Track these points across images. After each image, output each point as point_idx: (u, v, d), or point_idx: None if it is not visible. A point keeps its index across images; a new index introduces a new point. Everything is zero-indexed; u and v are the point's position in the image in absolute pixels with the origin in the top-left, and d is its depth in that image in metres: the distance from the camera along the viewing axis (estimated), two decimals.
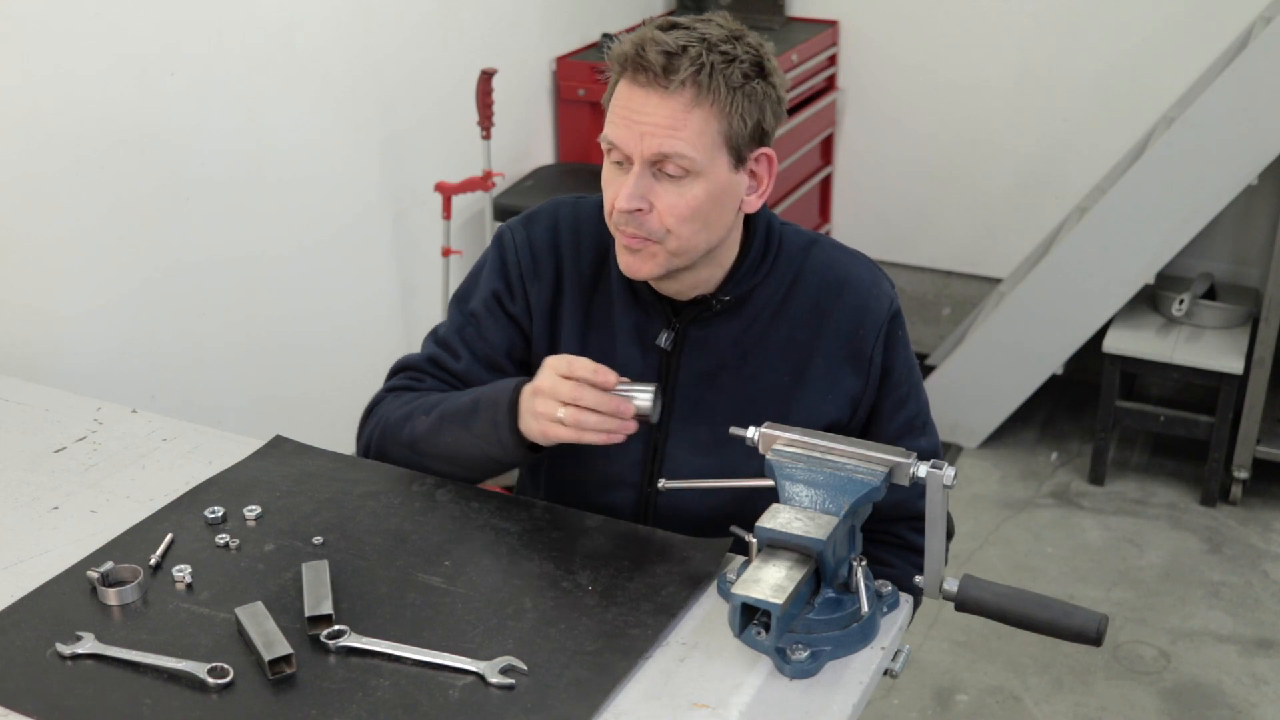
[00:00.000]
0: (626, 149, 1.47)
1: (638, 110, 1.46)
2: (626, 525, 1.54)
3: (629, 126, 1.47)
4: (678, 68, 1.44)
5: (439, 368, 1.69)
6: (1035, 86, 3.96)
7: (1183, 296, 3.60)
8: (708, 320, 1.60)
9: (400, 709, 1.23)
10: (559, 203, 1.71)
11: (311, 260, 2.93)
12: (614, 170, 1.51)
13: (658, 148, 1.46)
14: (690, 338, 1.61)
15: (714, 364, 1.61)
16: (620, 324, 1.63)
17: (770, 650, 1.29)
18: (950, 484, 1.31)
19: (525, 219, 1.70)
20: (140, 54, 2.40)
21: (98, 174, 2.36)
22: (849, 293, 1.60)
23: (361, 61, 2.98)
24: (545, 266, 1.66)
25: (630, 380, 1.46)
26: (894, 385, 1.63)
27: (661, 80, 1.45)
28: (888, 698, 2.77)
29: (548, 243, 1.66)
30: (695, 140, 1.46)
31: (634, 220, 1.48)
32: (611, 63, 1.50)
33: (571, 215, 1.68)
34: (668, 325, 1.61)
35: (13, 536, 1.52)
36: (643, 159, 1.47)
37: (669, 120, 1.45)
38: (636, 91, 1.46)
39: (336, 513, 1.55)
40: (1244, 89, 3.24)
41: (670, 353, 1.61)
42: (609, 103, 1.51)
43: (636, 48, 1.46)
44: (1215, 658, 2.90)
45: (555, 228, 1.67)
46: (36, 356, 2.27)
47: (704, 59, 1.45)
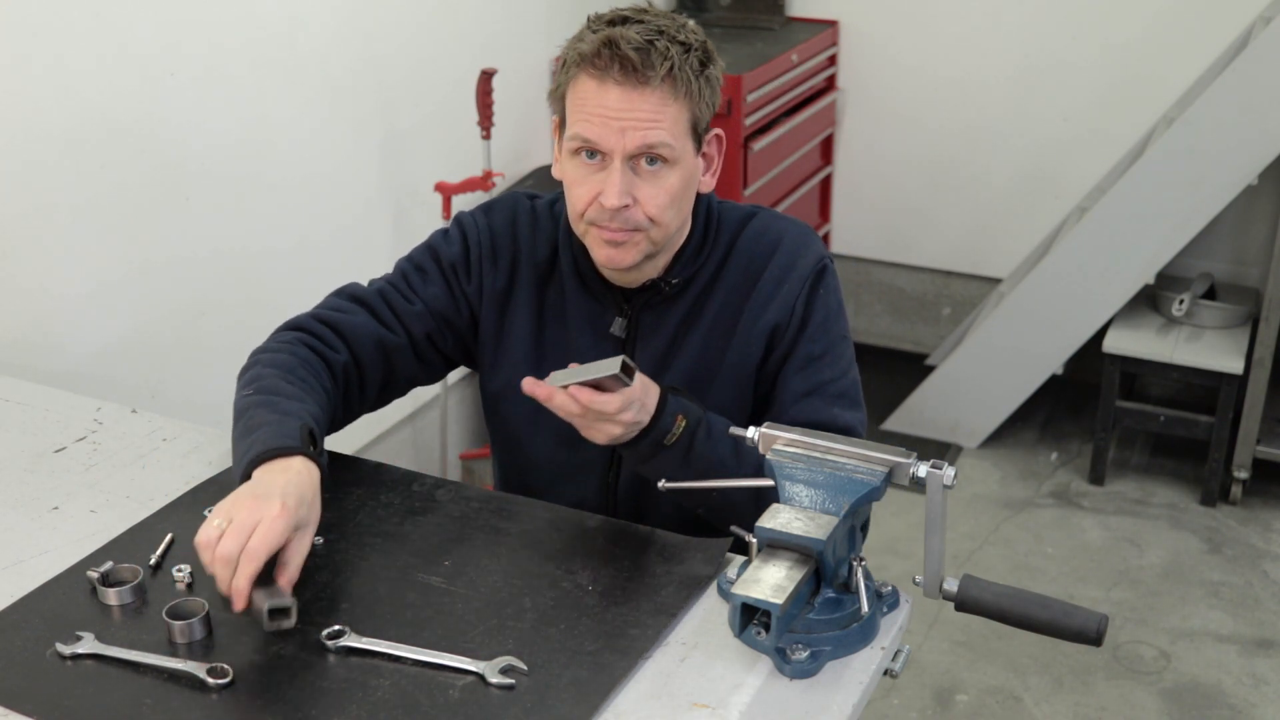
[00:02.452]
0: (606, 146, 1.50)
1: (614, 107, 1.48)
2: (626, 525, 1.54)
3: (606, 124, 1.49)
4: (654, 62, 1.48)
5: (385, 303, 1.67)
6: (1035, 86, 3.96)
7: (1183, 296, 3.60)
8: (658, 304, 1.64)
9: (400, 709, 1.23)
10: (517, 196, 1.74)
11: (311, 260, 2.93)
12: (584, 169, 1.53)
13: (641, 141, 1.49)
14: (643, 324, 1.65)
15: (665, 345, 1.65)
16: (573, 315, 1.67)
17: (770, 650, 1.29)
18: (950, 484, 1.31)
19: (485, 208, 1.74)
20: (140, 53, 2.40)
21: (98, 173, 2.36)
22: (780, 251, 1.64)
23: (361, 61, 2.98)
24: (502, 255, 1.69)
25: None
26: (809, 339, 1.62)
27: (638, 75, 1.48)
28: (888, 698, 2.77)
29: (507, 232, 1.70)
30: (672, 130, 1.51)
31: (619, 215, 1.51)
32: (572, 62, 1.52)
33: (529, 210, 1.72)
34: (620, 313, 1.65)
35: (13, 536, 1.52)
36: (624, 154, 1.50)
37: (650, 114, 1.49)
38: (610, 88, 1.49)
39: (336, 513, 1.55)
40: (1244, 89, 3.24)
41: (625, 340, 1.65)
42: (568, 102, 1.54)
43: (607, 45, 1.48)
44: (1215, 658, 2.90)
45: (514, 220, 1.71)
46: (37, 356, 2.27)
47: (670, 51, 1.49)
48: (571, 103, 1.53)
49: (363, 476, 1.64)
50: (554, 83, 1.58)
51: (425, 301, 1.68)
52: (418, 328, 1.68)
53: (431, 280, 1.69)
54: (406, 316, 1.68)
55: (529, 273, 1.68)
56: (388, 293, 1.69)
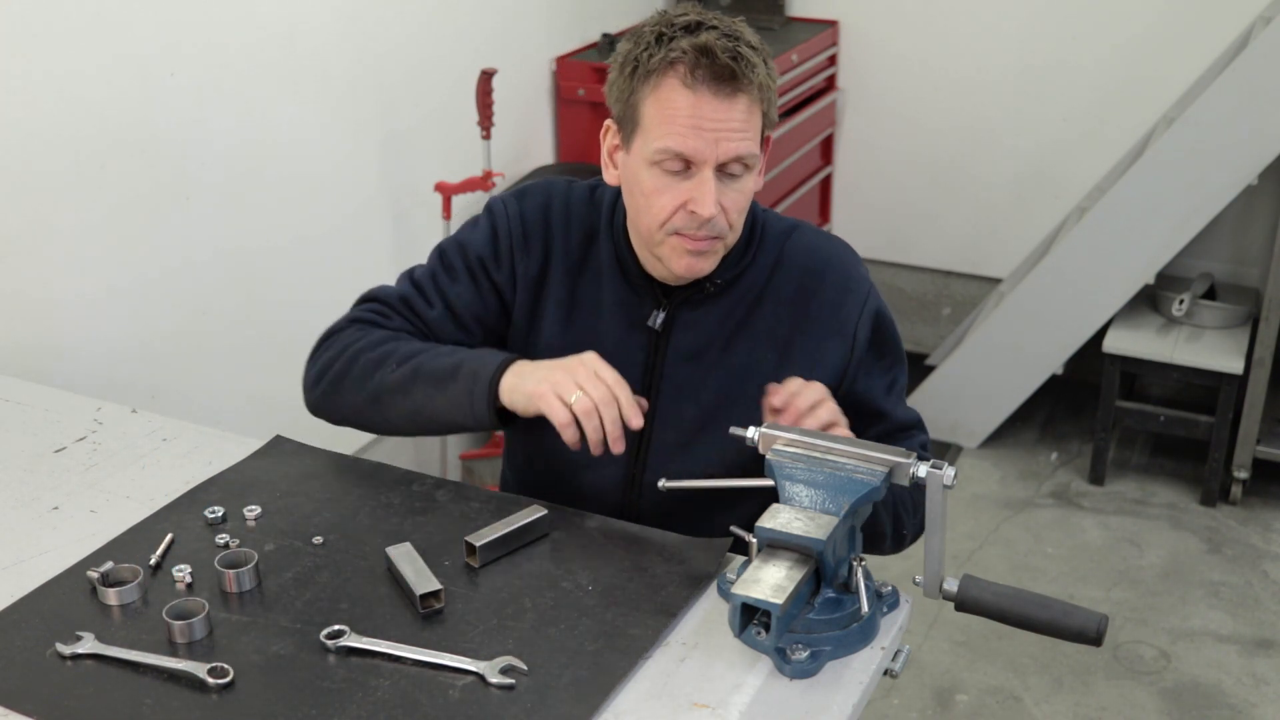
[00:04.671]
0: (699, 156, 1.48)
1: (708, 117, 1.46)
2: (626, 525, 1.54)
3: (700, 135, 1.47)
4: (744, 71, 1.46)
5: (410, 309, 1.69)
6: (1035, 86, 3.96)
7: (1183, 296, 3.60)
8: (699, 302, 1.63)
9: (400, 709, 1.23)
10: (551, 182, 1.73)
11: (312, 260, 2.93)
12: (667, 178, 1.51)
13: (734, 152, 1.48)
14: (680, 319, 1.64)
15: (701, 343, 1.64)
16: (608, 304, 1.66)
17: (770, 650, 1.29)
18: (950, 484, 1.31)
19: (518, 194, 1.72)
20: (140, 54, 2.40)
21: (98, 173, 2.36)
22: (831, 273, 1.64)
23: (361, 61, 2.98)
24: (535, 241, 1.68)
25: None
26: (880, 355, 1.66)
27: (732, 84, 1.46)
28: (888, 698, 2.77)
29: (539, 219, 1.68)
30: (755, 137, 1.52)
31: (708, 224, 1.51)
32: (653, 70, 1.48)
33: (563, 195, 1.70)
34: (658, 306, 1.64)
35: (13, 536, 1.52)
36: (715, 163, 1.48)
37: (741, 124, 1.48)
38: (704, 98, 1.46)
39: (336, 513, 1.55)
40: (1244, 89, 3.24)
41: (660, 332, 1.64)
42: (645, 110, 1.50)
43: (703, 54, 1.46)
44: (1215, 658, 2.90)
45: (547, 205, 1.69)
46: (36, 356, 2.27)
47: (753, 58, 1.48)
48: (654, 112, 1.49)
49: (363, 476, 1.64)
50: (621, 89, 1.53)
51: (447, 304, 1.68)
52: (442, 332, 1.68)
53: (458, 278, 1.68)
54: (430, 321, 1.68)
55: (561, 259, 1.67)
56: (411, 298, 1.69)
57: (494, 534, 1.46)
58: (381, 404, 1.59)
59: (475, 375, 1.53)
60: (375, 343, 1.63)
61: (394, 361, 1.59)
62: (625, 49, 1.53)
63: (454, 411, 1.54)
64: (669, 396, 1.63)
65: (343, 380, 1.63)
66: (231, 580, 1.40)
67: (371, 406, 1.61)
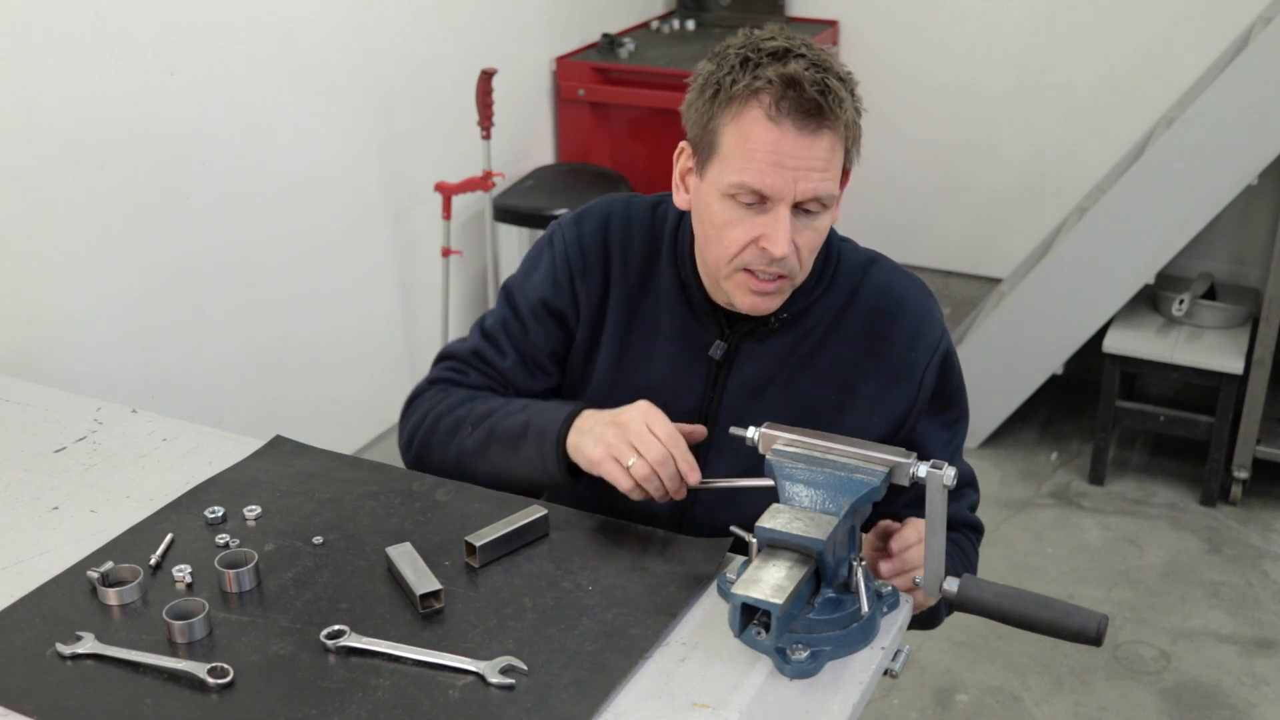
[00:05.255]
0: (777, 194, 1.41)
1: (789, 153, 1.40)
2: (626, 525, 1.54)
3: (780, 172, 1.40)
4: (832, 107, 1.40)
5: (484, 362, 1.68)
6: (1035, 86, 3.96)
7: (1183, 296, 3.60)
8: (764, 335, 1.58)
9: (400, 709, 1.23)
10: (611, 200, 1.68)
11: (312, 260, 2.93)
12: (740, 211, 1.44)
13: (812, 191, 1.42)
14: (742, 350, 1.59)
15: (764, 377, 1.58)
16: (668, 329, 1.61)
17: (770, 650, 1.29)
18: (950, 484, 1.31)
19: (577, 217, 1.67)
20: (140, 54, 2.40)
21: (98, 174, 2.36)
22: (904, 317, 1.57)
23: (361, 62, 2.98)
24: (594, 265, 1.63)
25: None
26: (944, 407, 1.61)
27: (817, 120, 1.40)
28: (888, 698, 2.77)
29: (597, 242, 1.64)
30: (836, 177, 1.45)
31: (780, 262, 1.45)
32: (736, 96, 1.42)
33: (623, 215, 1.65)
34: (721, 335, 1.59)
35: (13, 536, 1.52)
36: (792, 201, 1.42)
37: (822, 162, 1.42)
38: (787, 133, 1.39)
39: (336, 513, 1.55)
40: (1244, 89, 3.24)
41: (720, 363, 1.59)
42: (725, 137, 1.43)
43: (790, 85, 1.39)
44: (1215, 658, 2.90)
45: (606, 227, 1.64)
46: (36, 356, 2.27)
47: (841, 93, 1.41)
48: (733, 142, 1.42)
49: (363, 476, 1.64)
50: (700, 112, 1.46)
51: (519, 353, 1.67)
52: (517, 381, 1.67)
53: (526, 324, 1.66)
54: (506, 373, 1.67)
55: (621, 280, 1.63)
56: (483, 351, 1.68)
57: (494, 534, 1.46)
58: (464, 467, 1.62)
59: (542, 435, 1.52)
60: (453, 405, 1.64)
61: (469, 424, 1.60)
62: (707, 70, 1.47)
63: (529, 471, 1.54)
64: (725, 429, 1.54)
65: (428, 445, 1.65)
66: (231, 580, 1.40)
67: (458, 469, 1.62)
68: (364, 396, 3.19)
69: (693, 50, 3.85)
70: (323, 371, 3.03)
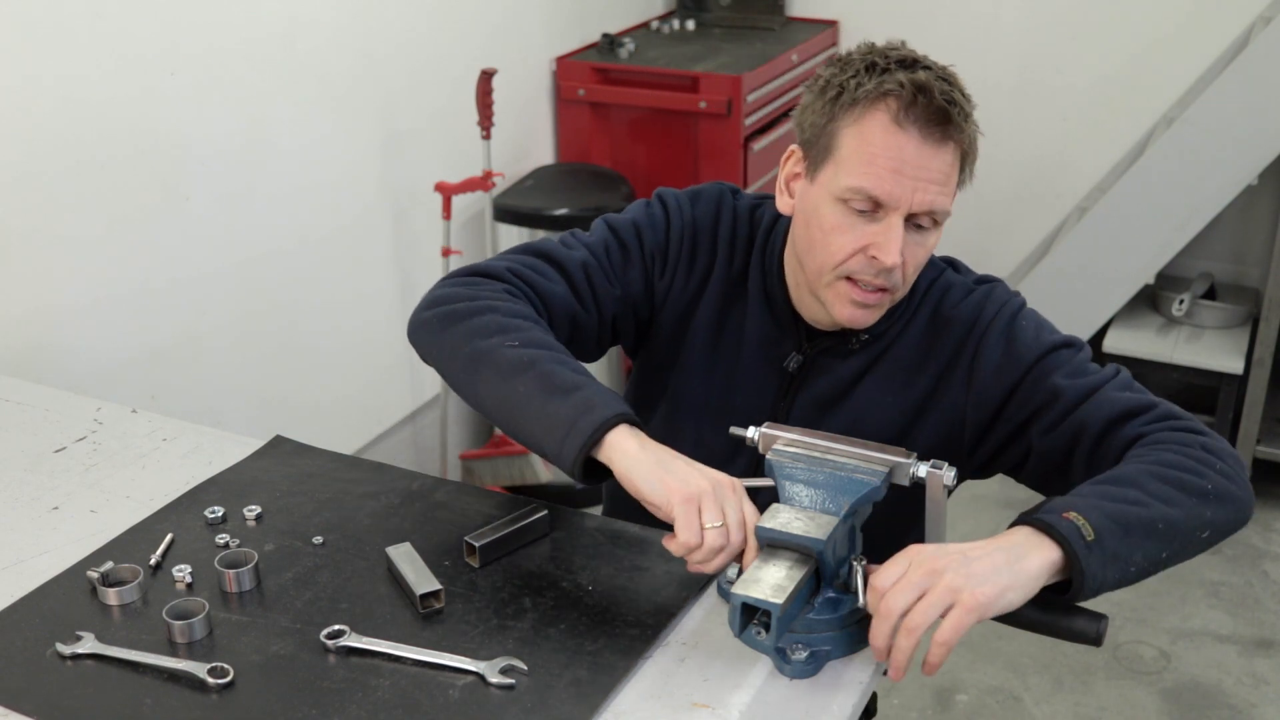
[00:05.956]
0: (893, 202, 1.37)
1: (911, 161, 1.36)
2: (626, 525, 1.53)
3: (899, 180, 1.37)
4: (958, 119, 1.37)
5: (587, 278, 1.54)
6: (1035, 86, 3.96)
7: (1183, 296, 3.60)
8: (842, 352, 1.55)
9: (400, 709, 1.23)
10: (721, 190, 1.62)
11: (312, 260, 2.93)
12: (851, 217, 1.40)
13: (929, 204, 1.39)
14: (818, 365, 1.56)
15: (835, 392, 1.55)
16: (749, 337, 1.58)
17: (770, 650, 1.29)
18: (951, 484, 1.31)
19: (691, 196, 1.60)
20: (140, 54, 2.40)
21: (97, 173, 2.36)
22: (955, 326, 1.53)
23: (361, 62, 2.98)
24: (701, 254, 1.58)
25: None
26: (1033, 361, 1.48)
27: (943, 131, 1.37)
28: (888, 698, 2.77)
29: (709, 229, 1.59)
30: (952, 192, 1.42)
31: (887, 273, 1.41)
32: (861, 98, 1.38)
33: (732, 209, 1.60)
34: (798, 349, 1.56)
35: (13, 536, 1.52)
36: (907, 211, 1.38)
37: (943, 175, 1.39)
38: (911, 140, 1.36)
39: (336, 513, 1.55)
40: (1244, 89, 3.25)
41: (794, 375, 1.57)
42: (843, 139, 1.39)
43: (920, 92, 1.36)
44: (1215, 658, 2.90)
45: (718, 217, 1.59)
46: (36, 356, 2.27)
47: (967, 107, 1.39)
48: (854, 145, 1.38)
49: (363, 476, 1.64)
50: (818, 114, 1.43)
51: (623, 285, 1.57)
52: (610, 310, 1.56)
53: (633, 263, 1.57)
54: (605, 298, 1.56)
55: (720, 279, 1.58)
56: (591, 267, 1.54)
57: (494, 534, 1.46)
58: (479, 369, 1.39)
59: (590, 407, 1.32)
60: (514, 312, 1.44)
61: (518, 339, 1.39)
62: (828, 73, 1.43)
63: (546, 428, 1.34)
64: None
65: (457, 323, 1.43)
66: (231, 580, 1.40)
67: (468, 365, 1.41)
68: (364, 397, 3.19)
69: (693, 50, 3.85)
70: (323, 371, 3.03)
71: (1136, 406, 1.42)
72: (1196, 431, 1.40)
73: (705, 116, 3.57)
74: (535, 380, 1.35)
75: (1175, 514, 1.28)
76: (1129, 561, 1.25)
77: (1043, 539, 1.23)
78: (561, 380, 1.35)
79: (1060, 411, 1.44)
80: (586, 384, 1.36)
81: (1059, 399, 1.44)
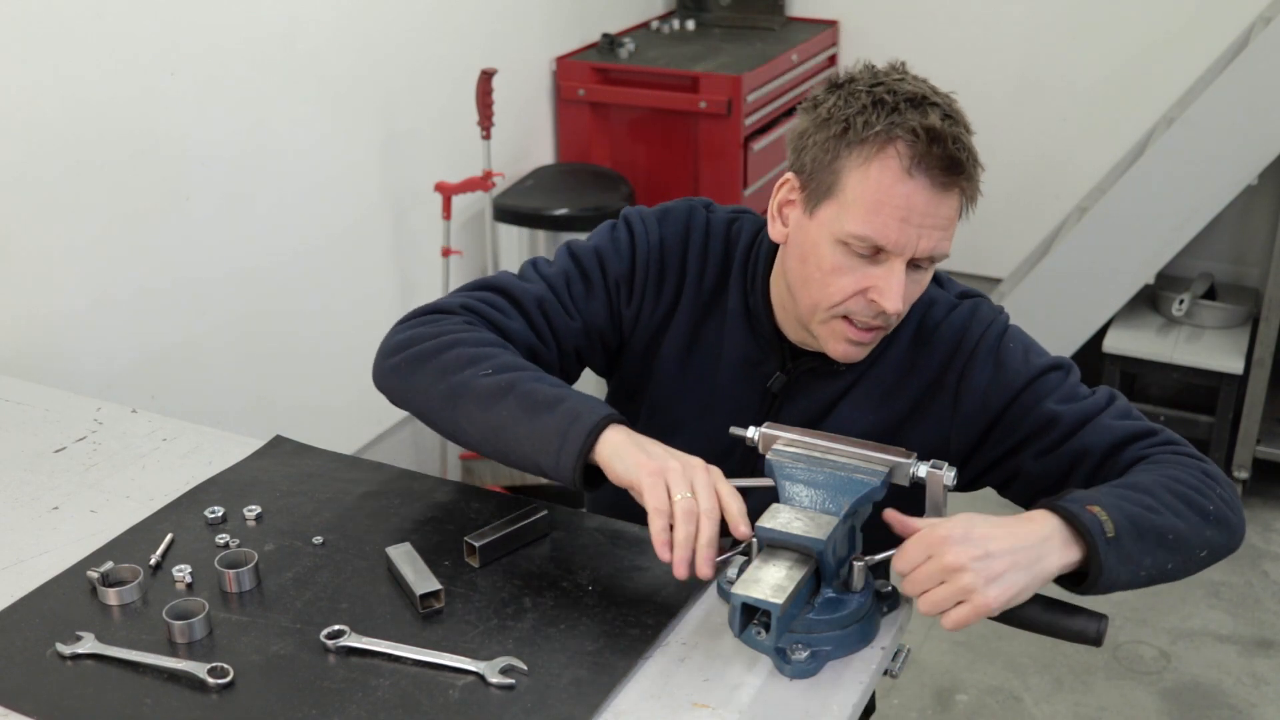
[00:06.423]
0: (898, 249, 1.35)
1: (919, 209, 1.33)
2: (626, 525, 1.53)
3: (905, 228, 1.33)
4: (967, 167, 1.35)
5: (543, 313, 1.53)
6: (1035, 86, 3.96)
7: (1183, 296, 3.60)
8: (826, 374, 1.53)
9: (400, 709, 1.23)
10: (692, 207, 1.59)
11: (312, 260, 2.93)
12: (852, 260, 1.37)
13: (932, 250, 1.36)
14: (800, 383, 1.54)
15: (817, 411, 1.54)
16: (728, 354, 1.55)
17: (770, 650, 1.29)
18: (951, 484, 1.31)
19: (659, 215, 1.57)
20: (140, 54, 2.40)
21: (97, 174, 2.36)
22: (939, 341, 1.51)
23: (361, 62, 2.98)
24: (670, 276, 1.56)
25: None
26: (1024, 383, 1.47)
27: (950, 178, 1.34)
28: (888, 698, 2.77)
29: (678, 250, 1.56)
30: (953, 234, 1.39)
31: (884, 315, 1.39)
32: (869, 140, 1.34)
33: (703, 226, 1.57)
34: (782, 368, 1.54)
35: (13, 536, 1.52)
36: (910, 256, 1.36)
37: (948, 220, 1.36)
38: (920, 188, 1.33)
39: (336, 513, 1.55)
40: (1244, 89, 3.24)
41: (778, 395, 1.55)
42: (848, 179, 1.35)
43: (935, 139, 1.32)
44: (1215, 658, 2.90)
45: (687, 235, 1.56)
46: (37, 356, 2.27)
47: (971, 146, 1.36)
48: (861, 191, 1.34)
49: (363, 476, 1.64)
50: (821, 148, 1.38)
51: (585, 318, 1.55)
52: (571, 343, 1.55)
53: (594, 294, 1.55)
54: (564, 332, 1.54)
55: (691, 298, 1.55)
56: (547, 302, 1.53)
57: (494, 534, 1.46)
58: (458, 405, 1.40)
59: (576, 416, 1.33)
60: (479, 340, 1.45)
61: (490, 366, 1.40)
62: (831, 102, 1.38)
63: (537, 445, 1.35)
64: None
65: (425, 363, 1.43)
66: (231, 580, 1.40)
67: (446, 403, 1.41)
68: (364, 397, 3.16)
69: (693, 50, 3.85)
70: (323, 372, 3.03)
71: (1139, 431, 1.44)
72: (1197, 458, 1.42)
73: (705, 116, 3.57)
74: (517, 402, 1.37)
75: (1183, 527, 1.31)
76: (1140, 565, 1.27)
77: (1066, 532, 1.26)
78: (543, 396, 1.36)
79: (1057, 437, 1.45)
80: (568, 395, 1.37)
81: (1055, 425, 1.45)
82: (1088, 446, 1.43)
